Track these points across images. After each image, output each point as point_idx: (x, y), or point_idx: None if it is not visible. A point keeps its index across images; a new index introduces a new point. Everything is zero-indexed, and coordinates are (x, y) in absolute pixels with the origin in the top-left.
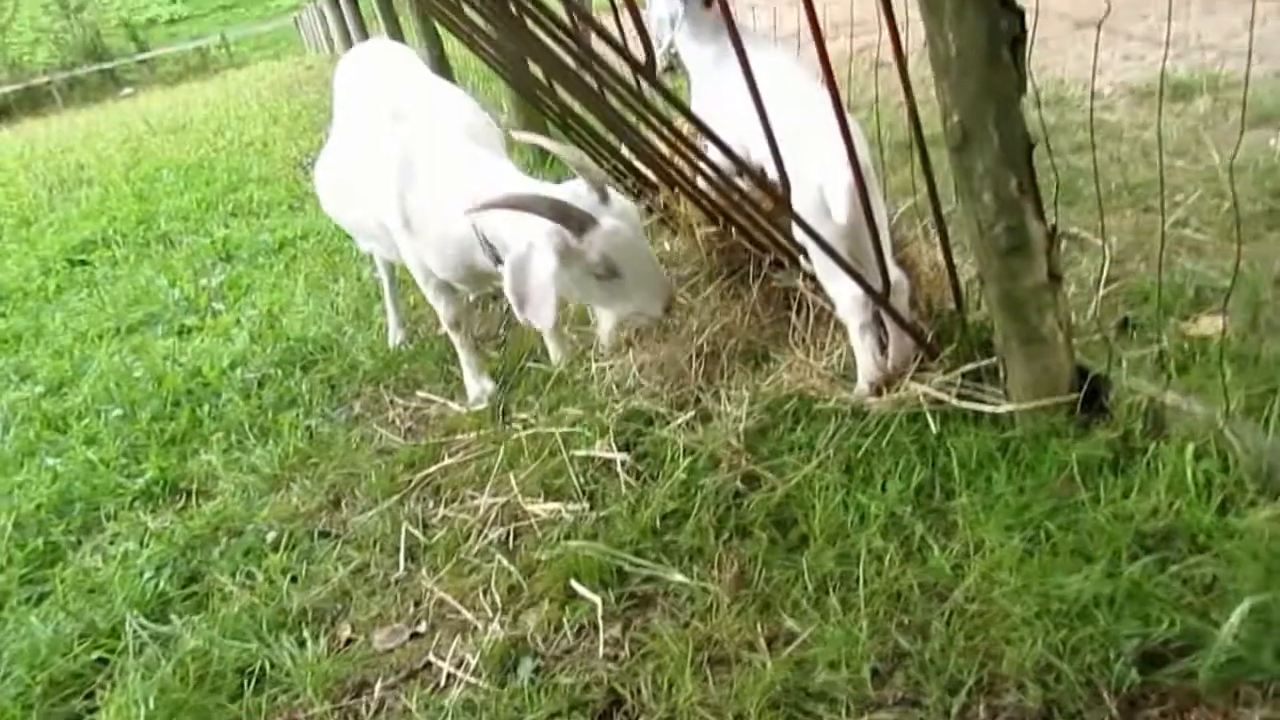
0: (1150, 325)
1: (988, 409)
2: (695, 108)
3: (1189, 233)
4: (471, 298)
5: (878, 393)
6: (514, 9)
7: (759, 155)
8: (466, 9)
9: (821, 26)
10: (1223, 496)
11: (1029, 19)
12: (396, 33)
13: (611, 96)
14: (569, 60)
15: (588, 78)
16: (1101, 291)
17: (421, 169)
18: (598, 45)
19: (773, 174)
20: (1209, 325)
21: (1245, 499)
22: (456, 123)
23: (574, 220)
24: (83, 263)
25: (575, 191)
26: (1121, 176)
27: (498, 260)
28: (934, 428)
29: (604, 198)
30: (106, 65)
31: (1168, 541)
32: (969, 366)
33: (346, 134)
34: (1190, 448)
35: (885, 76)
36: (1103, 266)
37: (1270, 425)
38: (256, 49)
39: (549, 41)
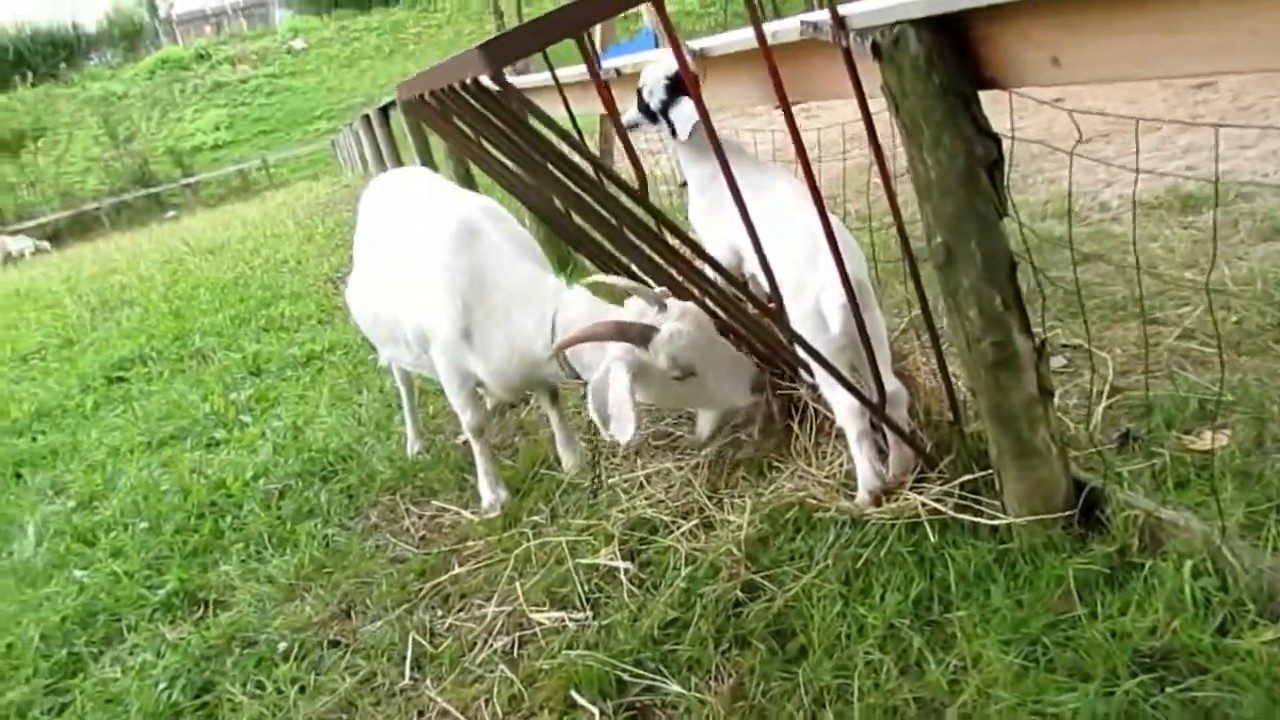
0: (1153, 438)
1: (985, 521)
2: (693, 218)
3: (1195, 345)
4: (490, 405)
5: (877, 502)
6: (534, 154)
7: (753, 267)
8: (488, 146)
9: (819, 147)
10: (1222, 617)
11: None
12: (426, 152)
13: (621, 223)
14: (580, 192)
15: (598, 207)
16: (1103, 404)
17: (492, 284)
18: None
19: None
20: (1212, 439)
21: (1245, 620)
22: (515, 240)
23: (635, 334)
24: (120, 379)
25: (639, 309)
26: (1127, 289)
27: (575, 375)
28: (932, 538)
29: (662, 307)
30: (153, 190)
31: (1166, 661)
32: (967, 478)
33: (389, 250)
34: (1188, 565)
35: (879, 195)
36: (1091, 380)
37: (1270, 544)
38: (295, 170)
39: (562, 177)
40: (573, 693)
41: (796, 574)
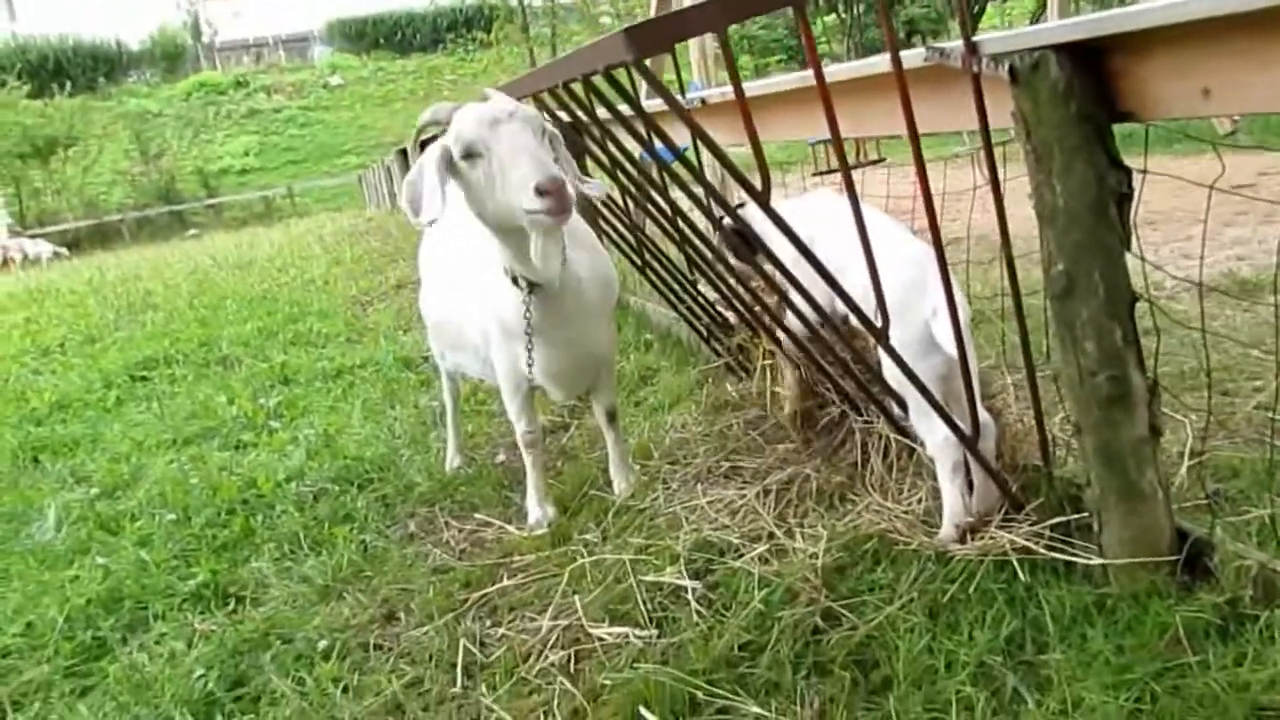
0: (1242, 499)
1: (1083, 560)
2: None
3: (1274, 415)
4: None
5: (962, 538)
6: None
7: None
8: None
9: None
10: None
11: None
12: None
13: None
14: (654, 193)
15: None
16: (1188, 461)
17: None
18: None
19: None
20: None
21: None
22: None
23: (444, 114)
24: (144, 379)
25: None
26: (1196, 360)
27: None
28: (1023, 578)
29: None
30: (176, 207)
31: None
32: (1058, 520)
33: (462, 252)
34: None
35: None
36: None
37: None
38: (319, 201)
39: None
40: (641, 709)
41: (878, 605)
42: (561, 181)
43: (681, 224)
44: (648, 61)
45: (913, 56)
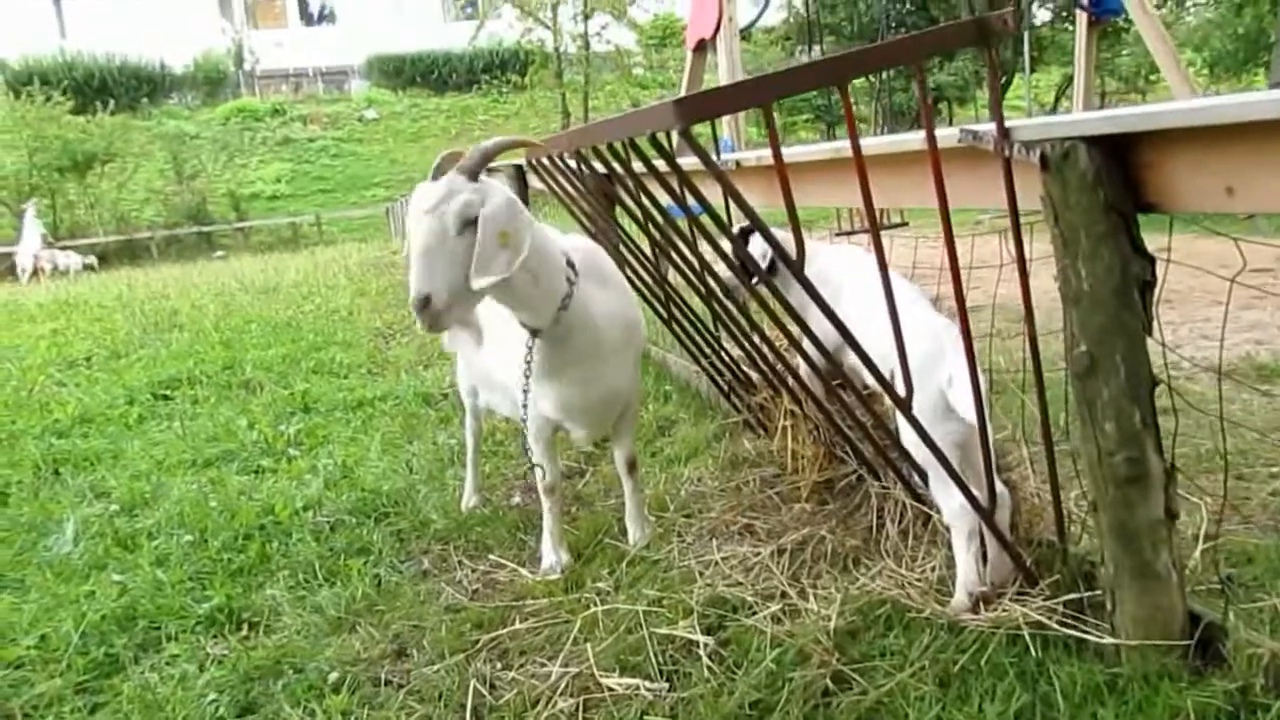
0: (1256, 586)
1: (1094, 638)
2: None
3: None
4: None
5: (975, 607)
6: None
7: (852, 360)
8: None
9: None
10: None
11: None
12: None
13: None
14: (686, 248)
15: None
16: (1202, 544)
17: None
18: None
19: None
20: None
21: None
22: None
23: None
24: (166, 397)
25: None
26: (1212, 442)
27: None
28: (1035, 653)
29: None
30: (206, 228)
31: None
32: (1071, 596)
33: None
34: None
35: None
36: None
37: None
38: (346, 231)
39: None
40: None
41: (889, 671)
42: (425, 305)
43: (709, 278)
44: None
45: (947, 136)
